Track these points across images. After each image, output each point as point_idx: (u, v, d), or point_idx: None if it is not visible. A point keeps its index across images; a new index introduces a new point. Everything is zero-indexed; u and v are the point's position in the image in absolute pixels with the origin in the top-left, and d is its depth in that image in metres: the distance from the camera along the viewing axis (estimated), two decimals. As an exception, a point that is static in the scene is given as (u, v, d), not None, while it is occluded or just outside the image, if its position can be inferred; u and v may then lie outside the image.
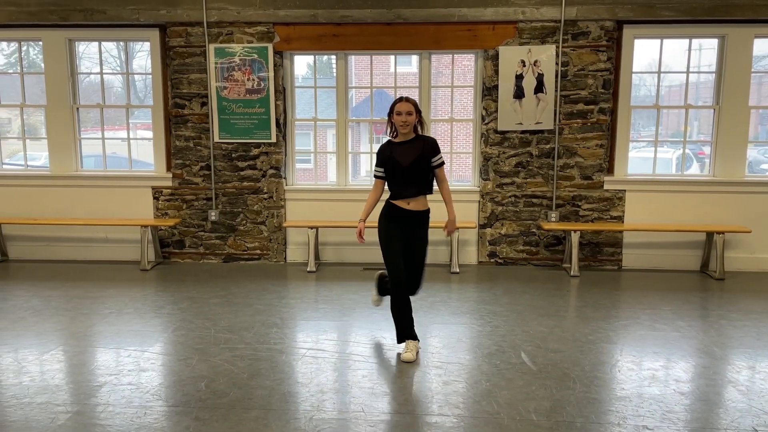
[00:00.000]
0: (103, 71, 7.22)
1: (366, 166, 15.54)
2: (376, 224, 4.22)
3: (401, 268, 4.08)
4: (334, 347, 4.33)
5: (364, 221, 4.25)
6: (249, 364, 3.98)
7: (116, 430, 3.13)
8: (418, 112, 4.11)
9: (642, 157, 10.44)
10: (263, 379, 3.75)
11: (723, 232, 6.26)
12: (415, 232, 4.17)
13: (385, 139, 4.30)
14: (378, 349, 4.28)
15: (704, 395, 3.56)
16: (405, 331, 4.12)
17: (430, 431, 3.14)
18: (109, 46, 10.04)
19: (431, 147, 4.13)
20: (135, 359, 4.07)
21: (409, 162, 4.07)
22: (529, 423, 3.21)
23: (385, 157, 4.16)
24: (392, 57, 7.16)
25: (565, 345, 4.34)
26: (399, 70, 7.19)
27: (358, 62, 20.32)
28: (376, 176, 4.26)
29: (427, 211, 4.21)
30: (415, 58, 6.97)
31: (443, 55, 6.94)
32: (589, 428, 3.15)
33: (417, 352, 4.11)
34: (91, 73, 7.60)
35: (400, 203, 4.12)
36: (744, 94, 6.45)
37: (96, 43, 7.15)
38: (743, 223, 6.49)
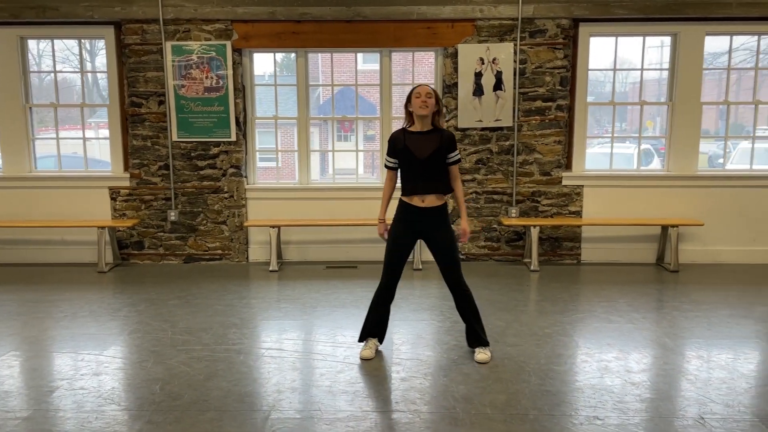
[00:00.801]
0: (60, 70, 7.06)
1: (336, 164, 15.46)
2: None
3: (395, 276, 3.93)
4: (294, 346, 4.31)
5: (384, 220, 4.06)
6: (206, 365, 3.94)
7: (66, 435, 3.08)
8: (438, 100, 3.86)
9: (605, 152, 10.64)
10: (220, 380, 3.72)
11: (677, 226, 6.42)
12: (434, 234, 3.89)
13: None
14: (338, 347, 4.28)
15: (654, 385, 3.64)
16: (371, 329, 4.10)
17: (385, 428, 3.15)
18: (71, 44, 9.82)
19: (449, 141, 3.87)
20: (88, 363, 3.99)
21: (427, 155, 3.79)
22: (483, 417, 3.25)
23: (399, 147, 3.87)
24: (358, 55, 7.13)
25: (522, 339, 4.40)
26: (365, 68, 7.19)
27: (324, 60, 20.32)
28: (387, 167, 3.99)
29: (444, 205, 3.92)
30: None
31: (410, 53, 6.94)
32: (541, 420, 3.20)
33: (376, 350, 4.12)
34: (43, 72, 7.39)
35: (414, 201, 3.86)
36: (696, 90, 6.62)
37: (56, 41, 6.99)
38: (697, 217, 6.66)
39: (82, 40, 7.07)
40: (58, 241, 6.89)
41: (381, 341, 4.19)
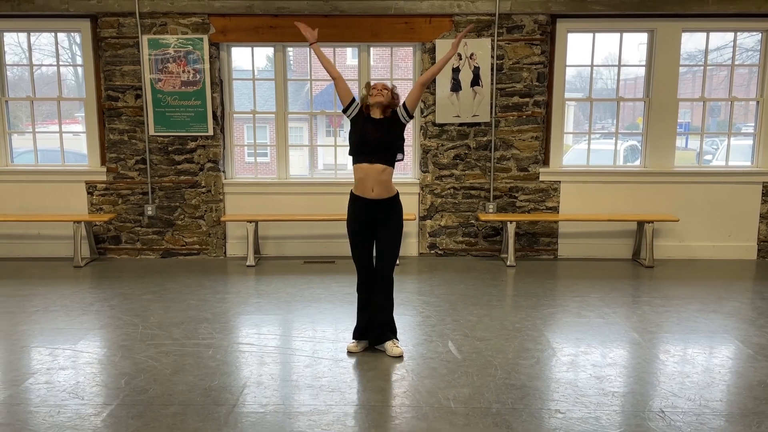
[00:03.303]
0: (36, 63, 7.00)
1: (323, 159, 15.30)
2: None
3: (367, 269, 4.03)
4: (264, 341, 4.31)
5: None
6: (174, 360, 3.94)
7: (26, 429, 3.06)
8: (395, 95, 4.01)
9: (593, 149, 10.58)
10: (186, 374, 3.71)
11: (652, 221, 6.45)
12: (384, 224, 3.96)
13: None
14: (308, 342, 4.28)
15: (619, 379, 3.67)
16: (363, 330, 4.12)
17: (345, 421, 3.16)
18: (61, 38, 9.69)
19: (394, 114, 3.99)
20: (56, 357, 3.98)
21: (376, 137, 3.93)
22: (446, 410, 3.26)
23: (358, 123, 4.02)
24: (348, 50, 7.07)
25: (492, 333, 4.42)
26: (356, 63, 7.09)
27: (314, 54, 20.23)
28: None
29: (395, 196, 3.99)
30: (374, 51, 6.95)
31: (389, 48, 6.94)
32: (503, 413, 3.22)
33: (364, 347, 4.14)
34: (18, 65, 7.29)
35: (364, 193, 3.92)
36: (673, 86, 6.65)
37: (49, 35, 6.92)
38: (673, 212, 6.71)
39: (70, 34, 6.99)
40: (33, 235, 6.84)
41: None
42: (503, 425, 3.10)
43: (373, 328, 4.07)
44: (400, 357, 3.97)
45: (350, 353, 4.06)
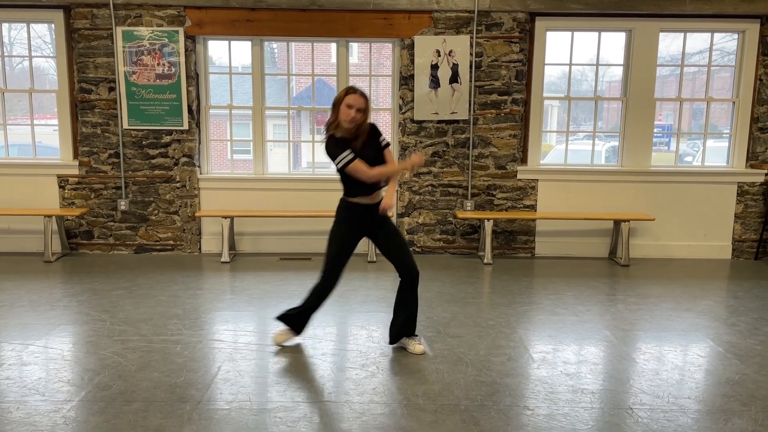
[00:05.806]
0: (9, 54, 6.85)
1: (307, 157, 15.21)
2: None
3: (338, 277, 3.96)
4: (233, 337, 4.25)
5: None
6: (140, 356, 3.86)
7: (-18, 426, 2.98)
8: (367, 109, 3.72)
9: (578, 149, 10.63)
10: (152, 371, 3.64)
11: (628, 220, 6.48)
12: (382, 224, 3.92)
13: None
14: (278, 338, 4.22)
15: (588, 376, 3.66)
16: (298, 321, 4.08)
17: (311, 417, 3.12)
18: (42, 30, 9.47)
19: (374, 130, 3.83)
20: (18, 353, 3.89)
21: (374, 154, 3.79)
22: (414, 407, 3.23)
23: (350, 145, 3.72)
24: (333, 45, 6.97)
25: (465, 330, 4.40)
26: (335, 60, 7.04)
27: (298, 49, 20.14)
28: (352, 159, 3.67)
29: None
30: (356, 46, 6.89)
31: (367, 43, 6.89)
32: (471, 410, 3.20)
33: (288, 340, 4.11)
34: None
35: (364, 200, 3.82)
36: (650, 86, 6.68)
37: (36, 26, 6.79)
38: (649, 212, 6.73)
39: (51, 25, 6.81)
40: (3, 229, 6.71)
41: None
42: (471, 422, 3.07)
43: (402, 325, 3.99)
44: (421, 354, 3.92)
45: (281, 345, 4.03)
